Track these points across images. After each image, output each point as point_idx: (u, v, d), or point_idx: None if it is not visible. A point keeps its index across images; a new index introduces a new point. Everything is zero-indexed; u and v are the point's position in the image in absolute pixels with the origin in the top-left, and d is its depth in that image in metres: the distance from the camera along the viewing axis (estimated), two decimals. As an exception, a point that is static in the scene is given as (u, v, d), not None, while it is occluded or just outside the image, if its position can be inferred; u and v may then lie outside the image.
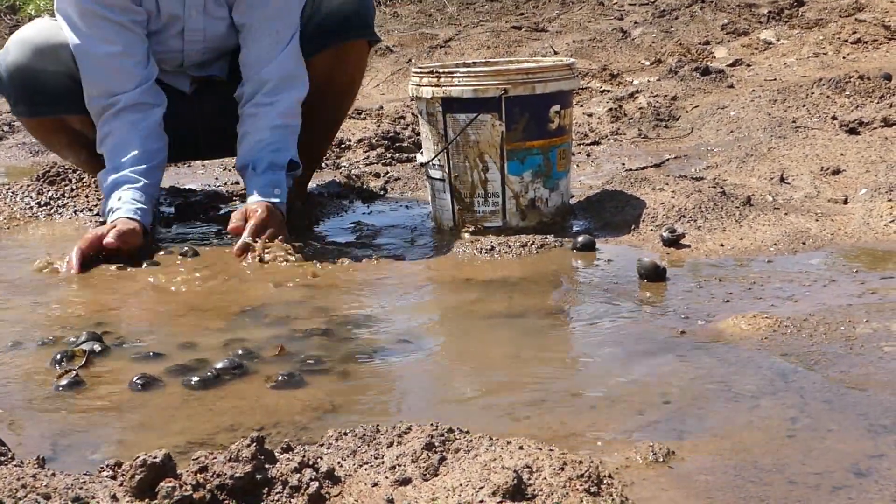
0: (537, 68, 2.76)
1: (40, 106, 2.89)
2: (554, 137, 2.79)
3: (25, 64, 2.84)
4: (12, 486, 1.31)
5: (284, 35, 2.85)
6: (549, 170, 2.79)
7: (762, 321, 1.99)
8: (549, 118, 2.76)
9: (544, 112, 2.75)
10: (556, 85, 2.75)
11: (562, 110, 2.79)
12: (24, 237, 2.97)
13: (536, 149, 2.76)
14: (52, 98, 2.87)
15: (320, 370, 1.85)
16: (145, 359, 1.94)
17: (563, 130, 2.82)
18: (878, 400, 1.63)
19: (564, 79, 2.78)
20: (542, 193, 2.79)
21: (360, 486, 1.33)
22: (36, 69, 2.83)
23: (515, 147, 2.74)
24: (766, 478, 1.39)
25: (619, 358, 1.88)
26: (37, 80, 2.84)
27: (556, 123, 2.77)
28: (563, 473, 1.30)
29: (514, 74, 2.72)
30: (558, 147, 2.81)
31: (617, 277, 2.36)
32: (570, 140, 2.88)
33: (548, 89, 2.73)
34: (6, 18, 8.45)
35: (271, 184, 2.77)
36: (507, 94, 2.69)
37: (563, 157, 2.83)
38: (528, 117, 2.73)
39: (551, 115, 2.76)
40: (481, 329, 2.07)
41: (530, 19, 7.36)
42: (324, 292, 2.35)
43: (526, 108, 2.73)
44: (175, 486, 1.28)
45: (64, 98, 2.86)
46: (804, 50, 5.05)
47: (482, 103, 2.70)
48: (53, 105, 2.89)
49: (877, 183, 2.90)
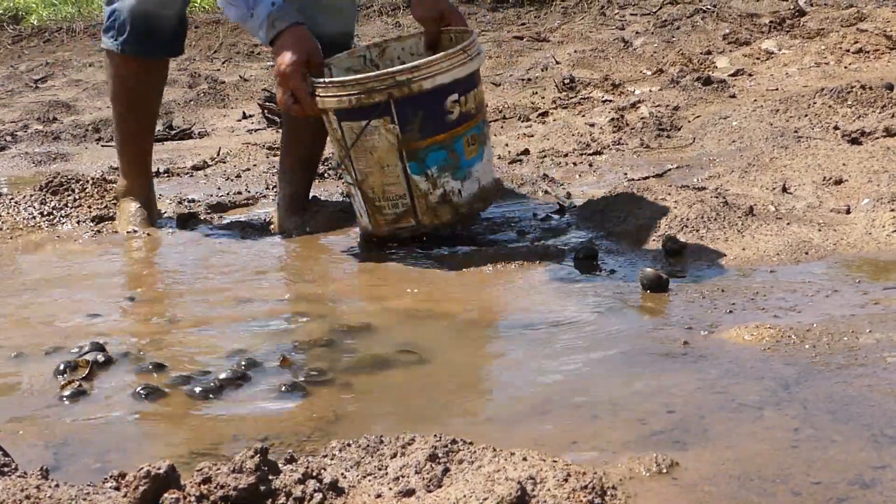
0: (424, 63, 2.59)
1: (152, 47, 3.05)
2: (457, 127, 2.65)
3: (146, 7, 2.99)
4: (16, 497, 1.31)
5: None
6: (457, 160, 2.67)
7: (765, 331, 1.99)
8: (448, 109, 2.62)
9: (440, 105, 2.61)
10: (449, 75, 2.60)
11: (462, 97, 2.64)
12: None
13: (437, 144, 2.63)
14: (162, 41, 3.05)
15: (323, 381, 1.85)
16: (148, 369, 1.94)
17: (468, 116, 2.67)
18: (882, 410, 1.63)
19: (458, 65, 2.61)
20: (453, 186, 2.67)
21: (364, 498, 1.33)
22: (155, 13, 2.99)
23: (414, 147, 2.61)
24: (770, 488, 1.39)
25: (623, 368, 1.88)
26: (155, 23, 3.00)
27: (456, 113, 2.64)
28: (566, 485, 1.30)
29: (399, 75, 2.57)
30: (464, 135, 2.67)
31: (619, 288, 2.36)
32: (480, 122, 2.73)
33: (438, 82, 2.59)
34: (9, 28, 8.47)
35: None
36: (394, 97, 2.58)
37: (471, 143, 2.69)
38: (423, 115, 2.60)
39: (449, 105, 2.62)
40: (484, 339, 2.07)
41: (532, 29, 7.37)
42: (326, 302, 2.35)
43: (418, 106, 2.59)
44: (179, 497, 1.28)
45: (172, 42, 3.08)
46: (806, 60, 5.05)
47: (372, 109, 2.59)
48: (163, 48, 3.08)
49: (879, 193, 2.90)
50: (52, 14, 9.17)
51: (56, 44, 8.10)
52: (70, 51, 7.79)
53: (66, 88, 6.38)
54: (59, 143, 4.86)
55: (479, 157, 2.73)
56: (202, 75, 6.51)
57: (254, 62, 7.16)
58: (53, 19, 8.97)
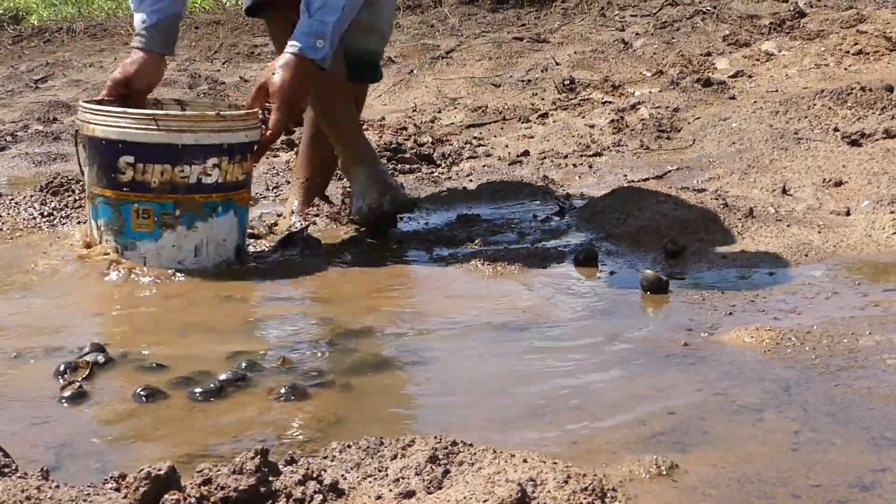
0: (110, 112, 2.49)
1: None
2: (126, 191, 2.48)
3: None
4: (16, 498, 1.31)
5: None
6: (121, 225, 2.51)
7: (765, 333, 1.99)
8: (119, 168, 2.47)
9: (112, 160, 2.48)
10: (123, 133, 2.46)
11: (139, 164, 2.46)
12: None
13: (106, 198, 2.52)
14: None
15: (324, 382, 1.85)
16: (149, 370, 1.94)
17: (145, 187, 2.47)
18: (882, 413, 1.63)
19: (138, 128, 2.45)
20: (116, 247, 2.53)
21: (364, 499, 1.33)
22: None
23: (92, 191, 2.55)
24: (770, 491, 1.39)
25: (623, 370, 1.88)
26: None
27: (128, 176, 2.47)
28: (567, 486, 1.30)
29: (86, 114, 2.52)
30: (133, 203, 2.49)
31: (619, 290, 2.36)
32: (167, 202, 2.48)
33: (109, 135, 2.46)
34: (9, 28, 8.47)
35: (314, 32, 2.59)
36: (80, 133, 2.54)
37: (143, 216, 2.49)
38: (99, 162, 2.51)
39: (121, 165, 2.47)
40: (483, 341, 2.07)
41: (532, 30, 7.37)
42: (326, 304, 2.35)
43: (96, 150, 2.51)
44: (179, 498, 1.28)
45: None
46: (806, 61, 5.05)
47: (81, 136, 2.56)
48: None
49: (879, 195, 2.90)
50: (53, 14, 9.18)
51: (56, 44, 8.10)
52: (70, 51, 7.79)
53: (66, 89, 6.38)
54: (59, 143, 4.86)
55: (150, 236, 2.51)
56: (202, 76, 6.51)
57: (254, 63, 7.17)
58: (54, 19, 8.97)
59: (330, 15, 2.57)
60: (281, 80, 2.56)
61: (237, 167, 2.54)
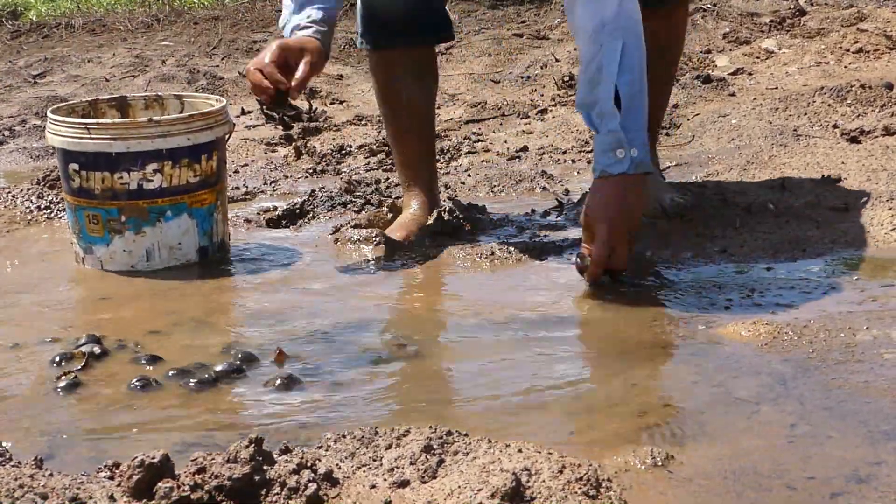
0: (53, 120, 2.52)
1: (380, 37, 2.79)
2: (78, 197, 2.52)
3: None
4: (10, 485, 1.31)
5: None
6: (79, 229, 2.55)
7: (762, 328, 1.99)
8: (70, 175, 2.51)
9: (65, 167, 2.53)
10: (64, 141, 2.49)
11: (83, 171, 2.48)
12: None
13: (68, 203, 2.57)
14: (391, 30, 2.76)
15: (319, 373, 1.85)
16: (144, 361, 1.94)
17: (91, 194, 2.49)
18: (878, 407, 1.63)
19: (74, 138, 2.47)
20: (80, 248, 2.56)
21: (359, 488, 1.33)
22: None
23: (68, 196, 2.57)
24: (766, 483, 1.39)
25: (620, 362, 1.88)
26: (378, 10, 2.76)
27: (77, 183, 2.49)
28: (561, 476, 1.30)
29: (61, 112, 2.58)
30: (84, 209, 2.51)
31: (615, 283, 2.36)
32: (111, 208, 2.49)
33: (56, 143, 2.52)
34: (7, 24, 8.46)
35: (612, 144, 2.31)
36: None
37: (94, 222, 2.51)
38: (59, 168, 2.58)
39: (70, 172, 2.50)
40: (480, 333, 2.07)
41: (532, 27, 7.36)
42: (320, 296, 2.35)
43: (57, 157, 2.58)
44: (173, 486, 1.28)
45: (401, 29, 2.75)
46: (806, 59, 5.04)
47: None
48: (393, 36, 2.77)
49: (878, 191, 2.90)
50: (51, 10, 9.16)
51: (55, 39, 8.09)
52: (69, 46, 7.78)
53: (64, 84, 6.37)
54: (57, 137, 4.85)
55: (102, 241, 2.52)
56: (201, 71, 6.50)
57: (252, 58, 7.15)
58: (52, 15, 8.96)
59: (611, 120, 2.28)
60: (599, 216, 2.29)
61: (185, 170, 2.52)
